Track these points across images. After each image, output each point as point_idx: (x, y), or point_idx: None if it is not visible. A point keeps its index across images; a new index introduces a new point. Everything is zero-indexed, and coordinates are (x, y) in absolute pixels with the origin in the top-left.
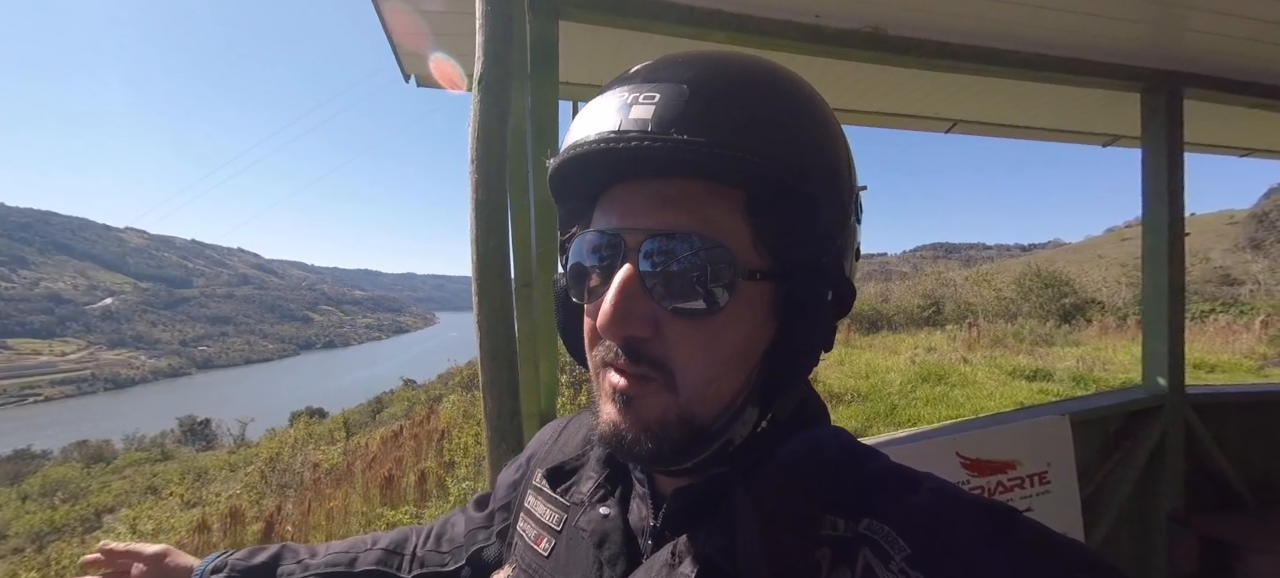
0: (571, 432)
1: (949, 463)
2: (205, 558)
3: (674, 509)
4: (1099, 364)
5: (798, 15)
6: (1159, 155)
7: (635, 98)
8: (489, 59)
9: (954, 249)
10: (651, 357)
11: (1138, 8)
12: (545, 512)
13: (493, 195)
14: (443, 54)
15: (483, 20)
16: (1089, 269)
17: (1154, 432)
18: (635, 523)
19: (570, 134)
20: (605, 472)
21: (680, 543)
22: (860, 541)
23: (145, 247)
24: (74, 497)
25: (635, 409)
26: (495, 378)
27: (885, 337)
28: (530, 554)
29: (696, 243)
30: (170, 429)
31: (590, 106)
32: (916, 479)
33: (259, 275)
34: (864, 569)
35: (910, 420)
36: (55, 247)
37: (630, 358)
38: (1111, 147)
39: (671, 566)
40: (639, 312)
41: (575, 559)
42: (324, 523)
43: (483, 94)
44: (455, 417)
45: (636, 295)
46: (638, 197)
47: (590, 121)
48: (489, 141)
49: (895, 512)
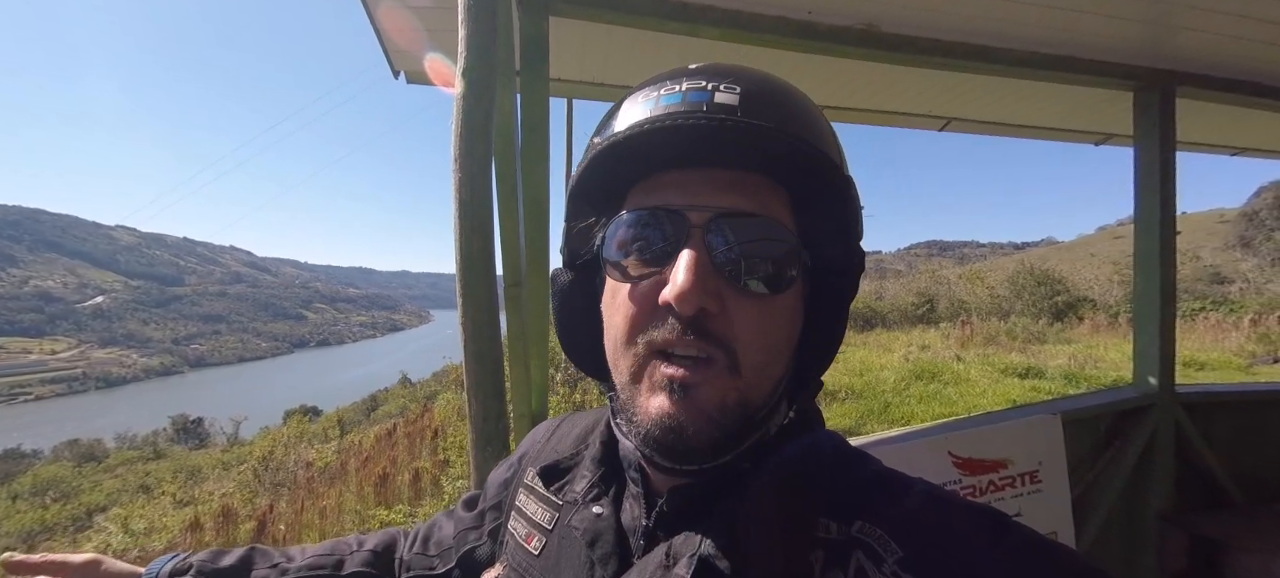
0: (564, 431)
1: (941, 462)
2: (157, 559)
3: (668, 510)
4: (1091, 362)
5: (790, 11)
6: (1151, 154)
7: (716, 85)
8: (472, 54)
9: (948, 247)
10: (716, 334)
11: (1131, 6)
12: (537, 511)
13: (477, 194)
14: (438, 54)
15: (464, 14)
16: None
17: (1144, 431)
18: (628, 523)
19: (634, 114)
20: (599, 471)
21: (675, 543)
22: (853, 543)
23: (136, 244)
24: (65, 496)
25: (694, 398)
26: (480, 381)
27: (879, 334)
28: (521, 553)
29: (765, 225)
30: (163, 428)
31: (649, 92)
32: (909, 484)
33: (252, 273)
34: (856, 571)
35: (903, 418)
36: (44, 244)
37: (697, 334)
38: (1104, 145)
39: (666, 566)
40: (711, 287)
41: (567, 558)
42: (317, 522)
43: (465, 90)
44: (449, 415)
45: (708, 271)
46: (697, 182)
47: (661, 103)
48: (472, 139)
49: (888, 515)
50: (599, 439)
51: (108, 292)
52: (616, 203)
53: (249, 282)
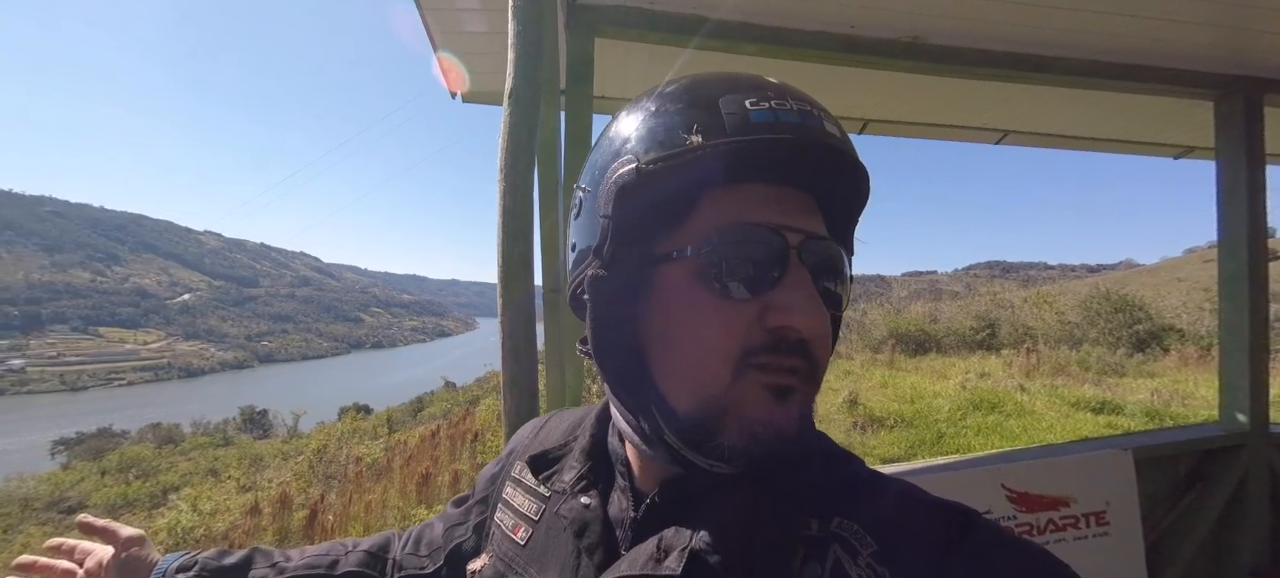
0: (553, 425)
1: (994, 495)
2: (168, 555)
3: (656, 504)
4: (1178, 398)
5: (833, 26)
6: (1237, 168)
7: (808, 108)
8: (518, 75)
9: (1011, 268)
10: (814, 355)
11: (1204, 10)
12: (523, 502)
13: (519, 204)
14: (447, 53)
15: (514, 39)
16: (1166, 293)
17: (1232, 474)
18: (614, 515)
19: (737, 117)
20: (588, 463)
21: (666, 536)
22: (831, 538)
23: (220, 248)
24: (145, 475)
25: (790, 405)
26: (516, 377)
27: (933, 359)
28: (507, 543)
29: (836, 249)
30: (232, 417)
31: (741, 98)
32: (887, 482)
33: (318, 277)
34: (834, 565)
35: (958, 451)
36: (144, 246)
37: (800, 356)
38: (1185, 159)
39: (657, 558)
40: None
41: (553, 548)
42: (362, 515)
43: (512, 108)
44: (490, 420)
45: (817, 298)
46: (785, 200)
47: (762, 115)
48: (516, 153)
49: (865, 511)
50: (588, 433)
51: (194, 290)
52: (679, 210)
53: (315, 285)
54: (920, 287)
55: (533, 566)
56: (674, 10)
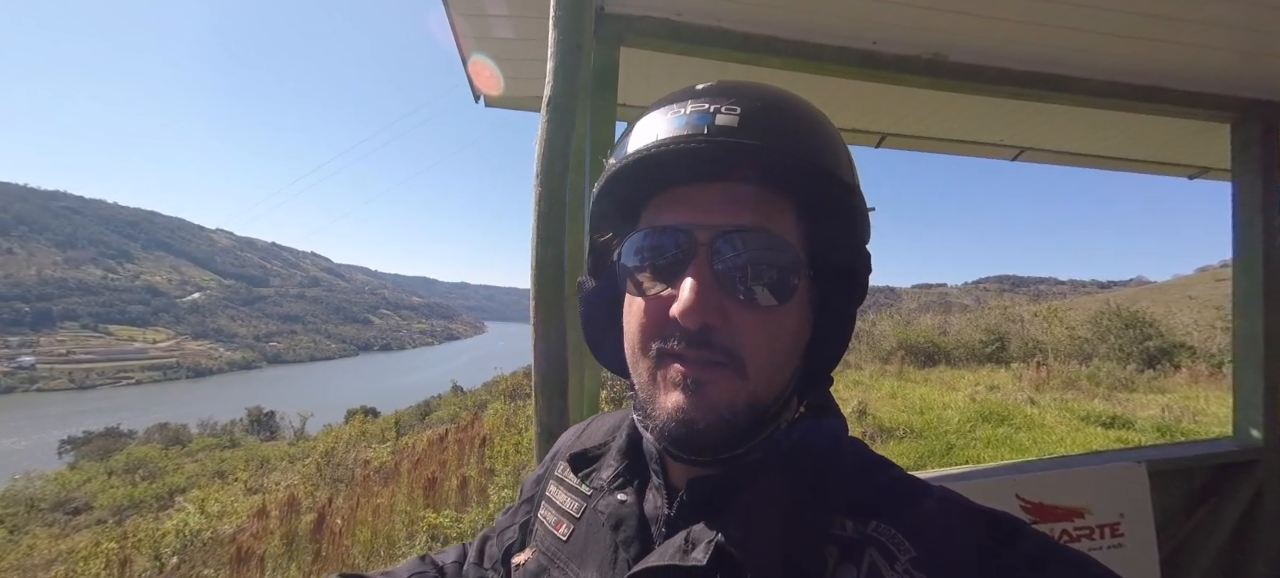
0: (594, 427)
1: (1008, 505)
2: None
3: (688, 501)
4: (1188, 415)
5: (854, 41)
6: (1252, 191)
7: (717, 107)
8: (558, 83)
9: (1021, 282)
10: (722, 345)
11: (1223, 36)
12: (566, 500)
13: (554, 208)
14: (482, 56)
15: (554, 48)
16: (1177, 310)
17: (1246, 488)
18: (650, 512)
19: (644, 137)
20: (624, 462)
21: (694, 531)
22: (867, 542)
23: (231, 247)
24: (152, 476)
25: (705, 394)
26: (547, 377)
27: (943, 371)
28: (550, 539)
29: (767, 239)
30: (239, 418)
31: (658, 115)
32: (927, 488)
33: (328, 278)
34: (870, 568)
35: (968, 462)
36: (156, 244)
37: (702, 347)
38: (1199, 179)
39: (685, 550)
40: (713, 302)
41: (593, 542)
42: (370, 519)
43: (550, 115)
44: (498, 425)
45: (711, 287)
46: (705, 198)
47: (668, 126)
48: (553, 158)
49: (904, 517)
50: (625, 433)
51: (204, 289)
52: (633, 217)
53: (325, 286)
54: (930, 299)
55: (573, 561)
56: (699, 22)
